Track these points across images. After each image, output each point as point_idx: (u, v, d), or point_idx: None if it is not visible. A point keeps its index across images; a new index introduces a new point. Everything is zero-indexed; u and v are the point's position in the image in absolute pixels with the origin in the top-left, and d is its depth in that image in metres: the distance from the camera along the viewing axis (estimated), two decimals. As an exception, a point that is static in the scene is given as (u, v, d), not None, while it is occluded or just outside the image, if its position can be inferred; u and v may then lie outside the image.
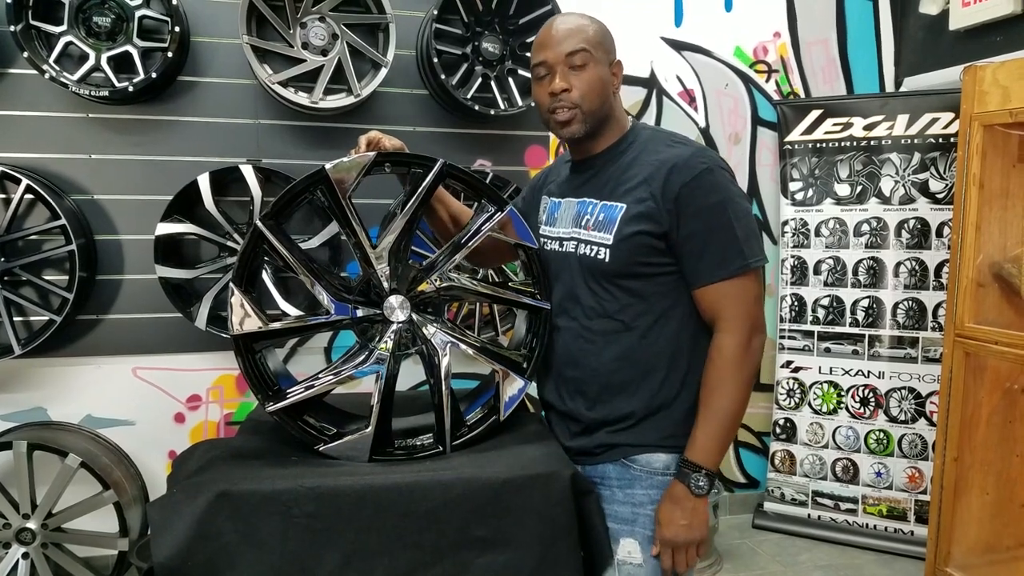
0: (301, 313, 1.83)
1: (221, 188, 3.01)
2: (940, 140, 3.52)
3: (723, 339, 1.65)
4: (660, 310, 1.71)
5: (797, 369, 3.80)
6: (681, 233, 1.64)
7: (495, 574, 1.59)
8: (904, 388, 3.60)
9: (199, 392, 3.27)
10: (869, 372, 3.66)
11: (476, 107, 3.09)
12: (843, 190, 3.70)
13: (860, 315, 3.67)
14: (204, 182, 2.91)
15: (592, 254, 1.72)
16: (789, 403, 3.82)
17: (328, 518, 1.52)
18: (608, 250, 1.69)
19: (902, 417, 3.61)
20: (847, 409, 3.71)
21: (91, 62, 2.80)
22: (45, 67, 2.72)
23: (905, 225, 3.58)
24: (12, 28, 2.66)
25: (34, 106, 2.94)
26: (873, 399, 3.66)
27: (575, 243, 1.77)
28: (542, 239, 1.89)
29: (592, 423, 1.77)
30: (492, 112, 3.12)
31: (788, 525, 3.81)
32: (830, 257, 3.72)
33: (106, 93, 2.78)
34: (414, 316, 1.77)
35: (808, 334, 3.78)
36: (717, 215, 1.63)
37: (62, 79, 2.73)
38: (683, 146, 1.72)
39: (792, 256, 3.79)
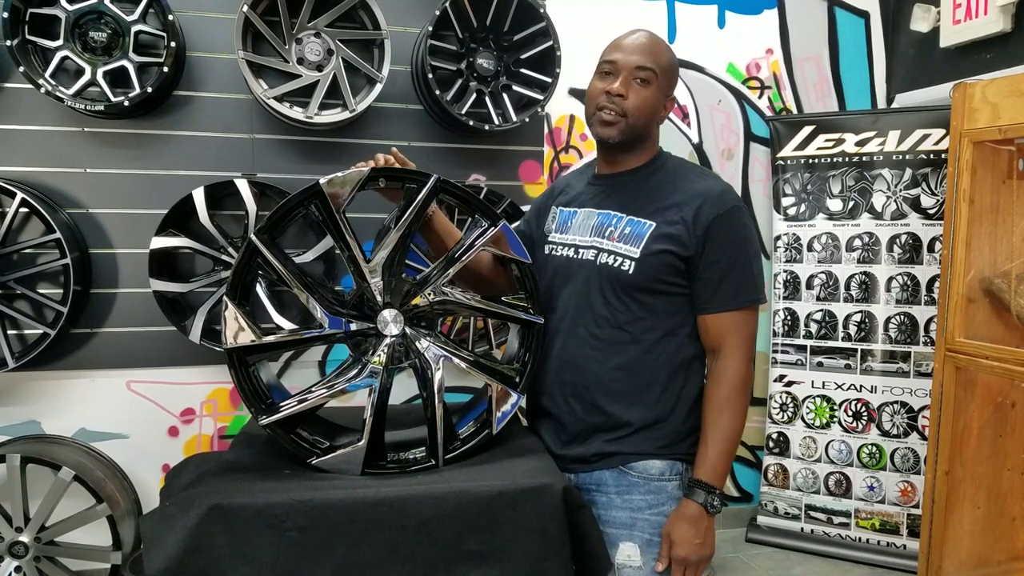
0: (295, 327, 1.84)
1: (216, 202, 3.01)
2: (931, 156, 3.54)
3: (728, 364, 1.75)
4: (667, 327, 1.79)
5: (790, 383, 3.81)
6: (704, 261, 1.73)
7: (487, 587, 1.59)
8: (896, 402, 3.62)
9: (193, 406, 3.27)
10: (861, 386, 3.68)
11: (471, 122, 3.10)
12: (835, 205, 3.72)
13: (852, 329, 3.68)
14: (199, 196, 2.92)
15: (615, 264, 1.77)
16: (782, 417, 3.83)
17: (320, 532, 1.52)
18: (633, 263, 1.75)
19: (894, 431, 3.62)
20: (840, 423, 3.72)
21: (87, 77, 2.81)
22: (41, 81, 2.73)
23: (897, 240, 3.60)
24: (8, 43, 2.67)
25: (30, 120, 2.95)
26: (865, 413, 3.67)
27: (595, 252, 1.82)
28: (550, 246, 1.93)
29: (586, 428, 1.83)
30: (487, 127, 3.14)
31: (781, 539, 3.81)
32: (822, 272, 3.73)
33: (102, 107, 2.79)
34: (407, 330, 1.78)
35: (801, 348, 3.79)
36: (739, 250, 1.73)
37: (58, 93, 2.74)
38: (713, 180, 1.83)
39: (785, 271, 3.81)
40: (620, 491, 1.80)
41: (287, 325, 2.91)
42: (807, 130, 3.78)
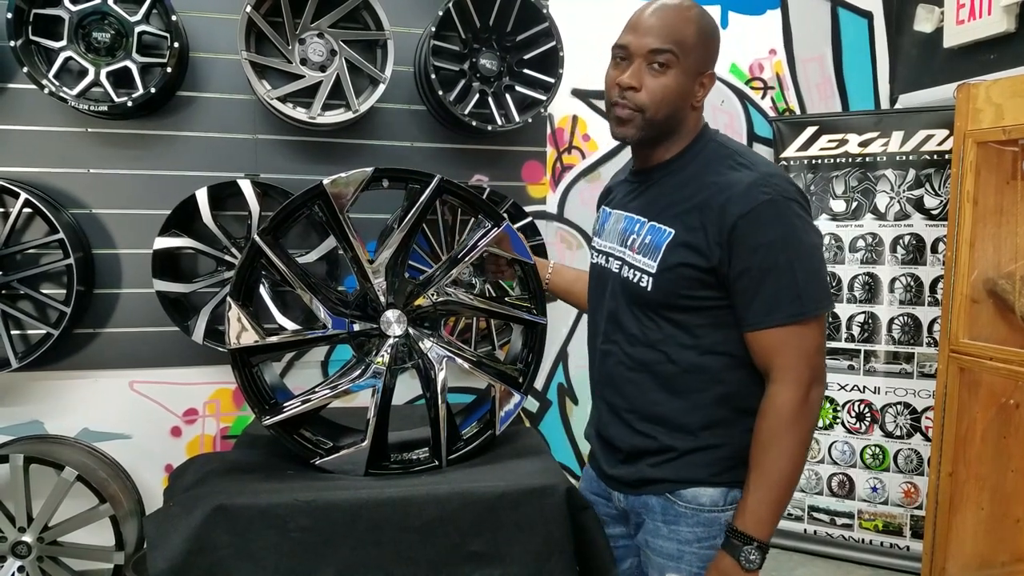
0: (298, 327, 1.84)
1: (219, 202, 3.01)
2: (935, 157, 3.54)
3: (777, 391, 1.49)
4: (707, 345, 1.57)
5: (793, 384, 3.80)
6: (733, 270, 1.49)
7: (490, 589, 1.60)
8: (900, 403, 3.61)
9: (196, 406, 3.27)
10: (865, 387, 3.67)
11: (473, 123, 3.10)
12: (839, 206, 3.72)
13: (856, 330, 3.68)
14: (202, 196, 2.92)
15: (635, 280, 1.60)
16: (785, 418, 3.82)
17: (323, 532, 1.52)
18: (651, 279, 1.56)
19: (898, 432, 3.62)
20: (843, 424, 3.71)
21: (90, 77, 2.81)
22: (45, 82, 2.73)
23: (900, 241, 3.59)
24: (12, 43, 2.67)
25: (33, 121, 2.95)
26: (869, 414, 3.66)
27: (619, 263, 1.67)
28: (591, 251, 1.83)
29: (632, 451, 1.67)
30: (489, 128, 3.13)
31: (784, 540, 3.80)
32: (826, 272, 3.72)
33: (105, 108, 2.79)
34: (410, 330, 1.78)
35: (804, 349, 3.78)
36: (774, 254, 1.46)
37: (61, 94, 2.74)
38: (747, 170, 1.52)
39: (788, 271, 3.80)
40: (667, 520, 1.63)
41: (290, 326, 2.91)
42: (810, 131, 3.77)
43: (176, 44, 2.81)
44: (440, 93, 3.02)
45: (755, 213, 1.45)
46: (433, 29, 3.01)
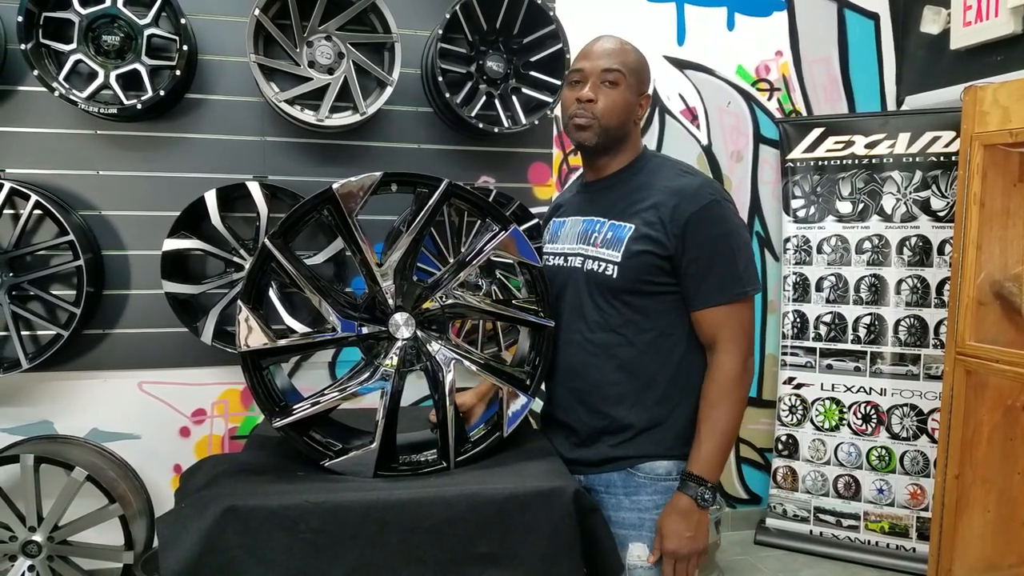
0: (308, 329, 1.85)
1: (228, 204, 3.03)
2: (941, 158, 3.54)
3: (723, 359, 1.74)
4: (661, 328, 1.79)
5: (799, 386, 3.81)
6: (686, 258, 1.72)
7: (498, 590, 1.60)
8: (906, 405, 3.61)
9: (204, 406, 3.29)
10: (871, 389, 3.67)
11: (480, 125, 3.11)
12: (845, 208, 3.72)
13: (862, 332, 3.68)
14: (211, 198, 2.93)
15: (600, 269, 1.79)
16: (791, 419, 3.83)
17: (333, 533, 1.53)
18: (616, 267, 1.76)
19: (904, 434, 3.62)
20: (849, 426, 3.72)
21: (100, 80, 2.82)
22: (55, 84, 2.75)
23: (907, 243, 3.60)
24: (23, 46, 2.69)
25: (43, 123, 2.97)
26: (875, 416, 3.67)
27: (581, 259, 1.84)
28: (544, 257, 1.96)
29: (592, 432, 1.84)
30: (496, 130, 3.15)
31: (790, 541, 3.81)
32: (832, 274, 3.73)
33: (115, 110, 2.80)
34: (419, 333, 1.79)
35: (810, 351, 3.79)
36: (720, 244, 1.73)
37: (71, 96, 2.76)
38: (692, 176, 1.81)
39: (794, 273, 3.81)
40: (628, 492, 1.81)
41: (299, 327, 2.92)
42: (816, 132, 3.78)
43: (185, 47, 2.83)
44: (447, 95, 3.03)
45: (704, 211, 1.72)
46: (440, 32, 3.02)
